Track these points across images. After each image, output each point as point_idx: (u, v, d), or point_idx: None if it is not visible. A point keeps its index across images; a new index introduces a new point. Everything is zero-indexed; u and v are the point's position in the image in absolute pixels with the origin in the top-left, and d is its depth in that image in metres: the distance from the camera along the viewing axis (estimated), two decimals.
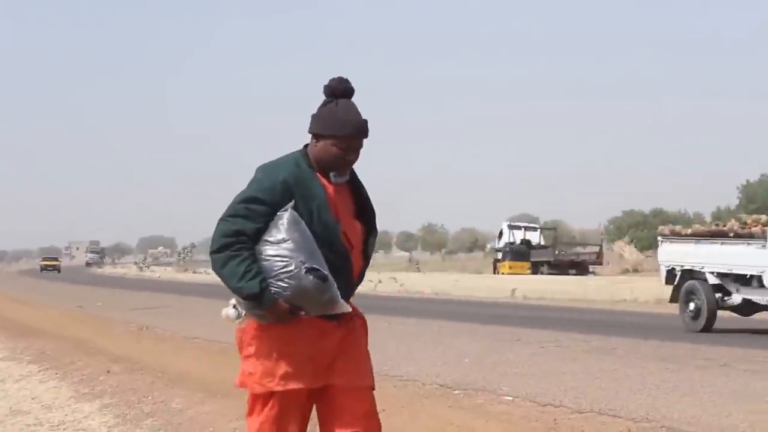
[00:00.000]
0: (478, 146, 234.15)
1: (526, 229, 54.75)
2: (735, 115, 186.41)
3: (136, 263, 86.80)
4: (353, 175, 3.82)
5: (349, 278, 3.68)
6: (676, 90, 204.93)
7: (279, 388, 3.58)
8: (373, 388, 3.77)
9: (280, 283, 3.51)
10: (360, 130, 3.70)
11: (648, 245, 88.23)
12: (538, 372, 9.58)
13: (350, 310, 3.67)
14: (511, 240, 50.75)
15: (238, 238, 3.55)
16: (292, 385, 3.58)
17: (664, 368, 9.75)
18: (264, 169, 3.67)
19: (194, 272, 62.82)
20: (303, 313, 3.56)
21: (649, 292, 24.29)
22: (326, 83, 3.73)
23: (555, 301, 25.21)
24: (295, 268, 3.50)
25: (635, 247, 75.47)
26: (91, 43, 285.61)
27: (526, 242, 51.71)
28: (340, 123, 3.66)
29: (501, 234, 53.47)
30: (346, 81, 3.73)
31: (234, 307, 3.63)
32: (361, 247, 3.77)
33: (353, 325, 3.75)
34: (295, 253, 3.52)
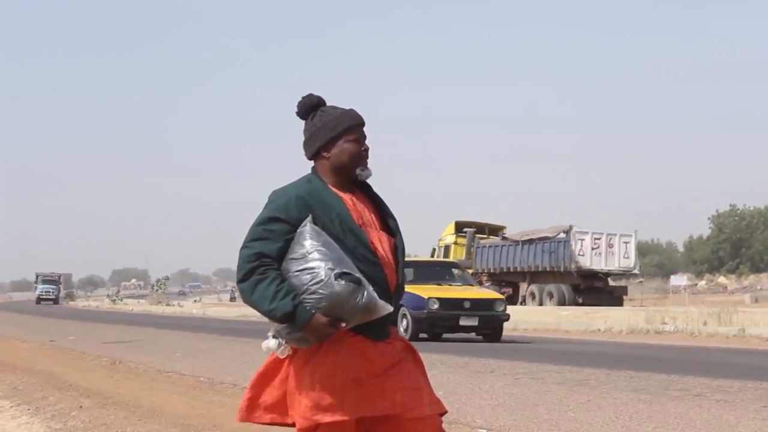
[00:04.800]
0: (446, 172, 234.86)
1: None
2: (706, 145, 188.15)
3: (108, 296, 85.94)
4: (368, 186, 3.78)
5: (385, 289, 3.55)
6: (648, 120, 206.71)
7: (325, 420, 3.45)
8: (442, 413, 3.65)
9: (312, 296, 3.38)
10: (359, 116, 3.71)
11: None
12: (511, 404, 9.58)
13: (392, 309, 3.54)
14: None
15: (261, 261, 3.46)
16: (338, 417, 3.45)
17: (637, 399, 9.78)
18: (276, 192, 3.63)
19: (167, 305, 62.50)
20: (344, 324, 3.42)
21: (623, 322, 24.39)
22: (297, 106, 3.72)
23: (528, 331, 25.23)
24: (325, 276, 3.37)
25: None
26: (62, 75, 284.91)
27: None
28: (340, 119, 3.66)
29: None
30: (312, 94, 3.73)
31: (274, 336, 3.49)
32: (391, 258, 3.67)
33: (400, 352, 3.63)
34: (322, 262, 3.39)
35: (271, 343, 3.50)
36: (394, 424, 3.57)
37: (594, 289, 38.41)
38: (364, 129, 3.73)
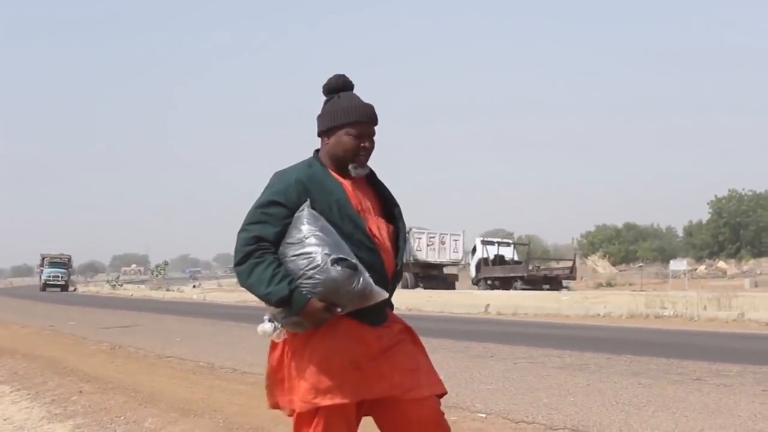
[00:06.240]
0: (451, 162, 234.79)
1: (500, 244, 54.73)
2: (705, 130, 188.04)
3: (108, 281, 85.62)
4: (372, 172, 3.75)
5: (382, 275, 3.55)
6: (646, 107, 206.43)
7: (324, 403, 3.44)
8: (441, 395, 3.66)
9: (309, 281, 3.37)
10: (368, 113, 3.65)
11: (621, 259, 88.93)
12: (511, 388, 9.58)
13: (387, 296, 3.54)
14: (485, 255, 50.77)
15: (259, 245, 3.44)
16: (338, 400, 3.45)
17: (637, 383, 9.78)
18: (277, 175, 3.61)
19: (167, 290, 62.43)
20: (339, 310, 3.41)
21: (623, 306, 24.38)
22: (324, 83, 3.70)
23: (528, 316, 25.23)
24: (322, 261, 3.36)
25: (608, 260, 75.89)
26: (62, 66, 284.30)
27: (499, 257, 51.72)
28: (346, 110, 3.61)
29: (474, 249, 53.47)
30: (344, 76, 3.70)
31: (269, 320, 3.48)
32: (389, 244, 3.66)
33: (398, 334, 3.64)
34: (319, 247, 3.38)
35: (267, 326, 3.50)
36: (393, 406, 3.58)
37: (431, 276, 48.46)
38: (373, 128, 3.67)
